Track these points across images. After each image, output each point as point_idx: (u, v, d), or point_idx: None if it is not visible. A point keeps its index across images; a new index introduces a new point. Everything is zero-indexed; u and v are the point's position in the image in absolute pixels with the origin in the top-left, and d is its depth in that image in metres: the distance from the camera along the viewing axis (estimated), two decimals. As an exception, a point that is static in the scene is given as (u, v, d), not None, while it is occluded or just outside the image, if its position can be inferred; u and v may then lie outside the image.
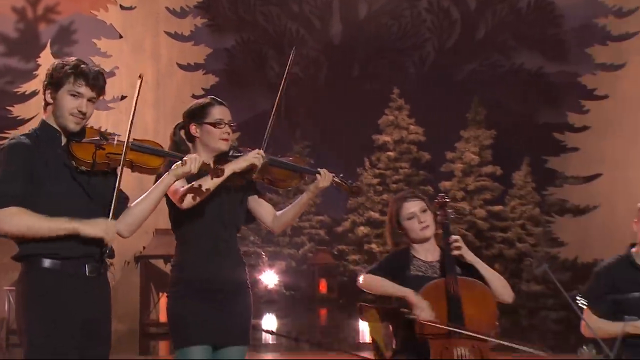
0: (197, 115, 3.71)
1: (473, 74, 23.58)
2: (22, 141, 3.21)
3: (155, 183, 3.48)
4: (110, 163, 3.27)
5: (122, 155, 3.22)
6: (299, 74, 22.63)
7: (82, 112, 3.24)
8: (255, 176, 3.67)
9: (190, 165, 3.31)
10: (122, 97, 15.39)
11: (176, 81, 15.98)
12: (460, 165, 20.99)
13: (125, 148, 3.22)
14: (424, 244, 4.20)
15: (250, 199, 3.83)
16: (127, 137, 3.23)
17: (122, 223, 3.34)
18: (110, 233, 3.19)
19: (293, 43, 23.45)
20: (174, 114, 13.82)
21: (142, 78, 3.32)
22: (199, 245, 3.64)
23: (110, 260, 3.35)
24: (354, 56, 23.93)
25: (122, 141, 3.26)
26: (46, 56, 15.44)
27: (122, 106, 15.25)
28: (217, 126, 3.67)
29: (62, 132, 3.28)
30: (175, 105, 14.84)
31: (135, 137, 3.29)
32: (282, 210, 3.91)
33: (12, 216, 3.10)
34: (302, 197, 3.84)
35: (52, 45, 16.30)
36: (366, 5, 24.00)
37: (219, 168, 3.45)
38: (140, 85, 3.31)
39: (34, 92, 15.07)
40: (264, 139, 3.77)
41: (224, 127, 3.68)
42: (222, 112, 3.71)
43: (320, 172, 3.80)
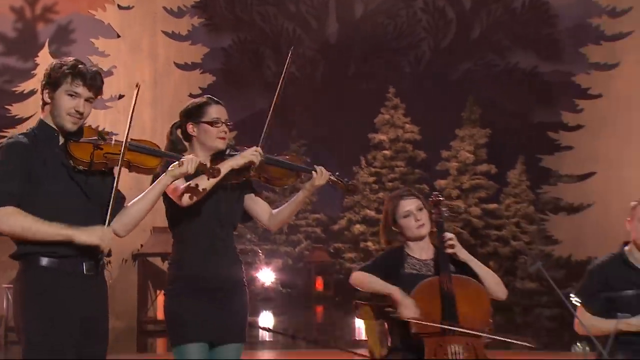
0: (194, 114, 3.71)
1: (468, 73, 23.53)
2: (20, 140, 3.20)
3: (152, 183, 3.49)
4: (107, 163, 3.27)
5: (120, 156, 3.21)
6: (295, 73, 22.58)
7: (79, 112, 3.24)
8: (251, 174, 3.67)
9: (187, 166, 3.32)
10: (120, 96, 15.43)
11: (173, 80, 16.02)
12: (455, 163, 20.98)
13: (124, 149, 3.22)
14: (419, 242, 4.18)
15: (246, 197, 3.83)
16: (125, 139, 3.23)
17: (118, 222, 3.33)
18: (106, 240, 3.17)
19: (290, 42, 23.39)
20: (171, 113, 13.84)
21: (139, 87, 3.33)
22: (196, 243, 3.64)
23: (107, 258, 3.35)
24: (350, 55, 23.89)
25: (120, 141, 3.26)
26: (44, 55, 15.47)
27: (119, 105, 15.28)
28: (214, 125, 3.67)
29: (59, 131, 3.27)
30: (173, 104, 14.87)
31: (132, 137, 3.29)
32: (278, 208, 3.90)
33: (9, 216, 3.11)
34: (298, 195, 3.82)
35: (50, 44, 16.32)
36: (362, 5, 23.95)
37: (215, 168, 3.43)
38: (137, 94, 3.32)
39: (32, 91, 15.12)
40: (261, 138, 3.76)
41: (221, 126, 3.67)
42: (219, 111, 3.71)
43: (316, 170, 3.79)
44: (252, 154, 3.62)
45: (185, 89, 15.77)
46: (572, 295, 4.36)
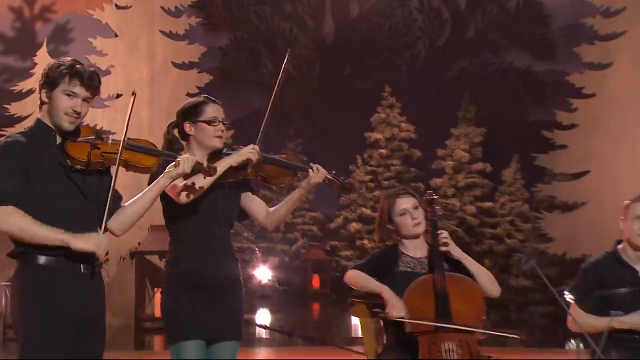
0: (191, 113, 3.69)
1: (463, 72, 23.55)
2: (18, 139, 3.19)
3: (150, 182, 3.49)
4: (104, 162, 3.26)
5: (118, 156, 3.20)
6: (292, 72, 22.57)
7: (76, 112, 3.22)
8: (249, 172, 3.66)
9: (184, 166, 3.32)
10: (118, 95, 15.49)
11: (171, 79, 16.09)
12: (450, 162, 21.06)
13: (121, 149, 3.22)
14: (413, 240, 4.18)
15: (243, 195, 3.82)
16: (123, 140, 3.23)
17: (114, 222, 3.32)
18: (102, 247, 3.15)
19: (286, 42, 23.45)
20: (168, 112, 13.88)
21: (135, 95, 3.31)
22: (193, 241, 3.64)
23: (105, 256, 3.30)
24: (346, 55, 23.89)
25: (117, 140, 3.25)
26: (42, 54, 15.57)
27: (117, 104, 15.35)
28: (211, 124, 3.66)
29: (57, 130, 3.26)
30: (170, 103, 14.94)
31: (129, 136, 3.28)
32: (274, 206, 3.89)
33: (8, 216, 3.10)
34: (294, 193, 3.81)
35: (48, 43, 16.40)
36: (358, 5, 23.95)
37: (212, 166, 3.44)
38: (134, 102, 3.29)
39: (31, 90, 15.18)
40: (258, 137, 3.77)
41: (218, 125, 3.66)
42: (215, 110, 3.69)
43: (312, 168, 3.77)
44: (249, 152, 3.63)
45: (182, 87, 15.85)
46: (565, 292, 4.37)
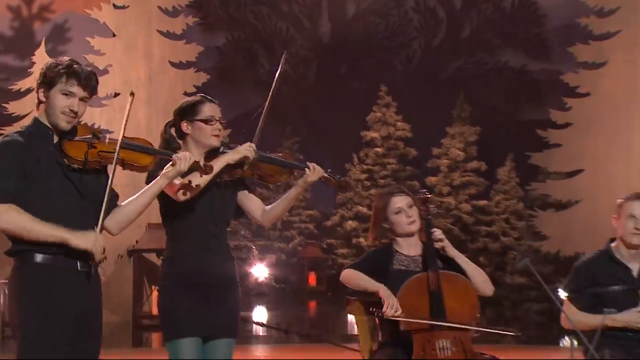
0: (188, 112, 3.73)
1: (458, 71, 23.55)
2: (15, 139, 3.21)
3: (147, 180, 3.52)
4: (101, 161, 3.28)
5: (115, 155, 3.22)
6: (288, 71, 22.55)
7: (73, 111, 3.24)
8: (245, 170, 3.69)
9: (181, 165, 3.35)
10: (116, 94, 15.50)
11: (168, 79, 16.13)
12: (446, 161, 21.05)
13: (118, 148, 3.24)
14: (408, 238, 4.23)
15: (240, 194, 3.85)
16: (120, 140, 3.25)
17: (111, 221, 3.35)
18: (98, 246, 3.17)
19: (283, 41, 23.47)
20: (166, 111, 13.91)
21: (133, 96, 3.34)
22: (189, 240, 3.66)
23: (102, 255, 3.33)
24: (342, 54, 23.89)
25: (114, 139, 3.27)
26: (41, 54, 15.63)
27: (115, 103, 15.39)
28: (209, 123, 3.70)
29: (54, 130, 3.28)
30: (168, 102, 14.93)
31: (126, 135, 3.30)
32: (271, 204, 3.92)
33: (6, 213, 3.11)
34: (290, 191, 3.84)
35: (46, 43, 16.44)
36: (354, 5, 23.96)
37: (208, 165, 3.47)
38: (132, 102, 3.33)
39: (29, 89, 15.21)
40: (255, 135, 3.81)
41: (215, 124, 3.71)
42: (212, 109, 3.74)
43: (309, 167, 3.80)
44: (246, 149, 3.67)
45: (179, 87, 15.89)
46: (559, 290, 4.43)
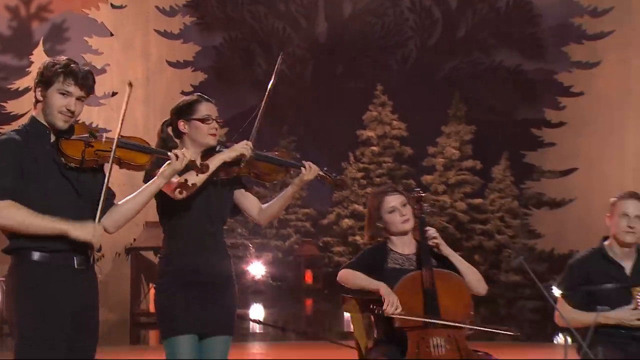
0: (185, 111, 3.75)
1: (454, 71, 23.59)
2: (13, 137, 3.22)
3: (145, 179, 3.56)
4: (98, 160, 3.29)
5: (112, 153, 3.23)
6: (285, 71, 22.56)
7: (70, 111, 3.25)
8: (242, 166, 3.71)
9: (177, 164, 3.37)
10: (113, 94, 15.51)
11: (166, 78, 16.16)
12: (441, 159, 21.09)
13: (114, 146, 3.25)
14: (402, 237, 4.26)
15: (236, 192, 3.87)
16: (116, 138, 3.28)
17: (108, 219, 3.36)
18: (97, 237, 3.20)
19: (280, 41, 23.52)
20: (163, 111, 13.90)
21: (132, 86, 3.37)
22: (186, 238, 3.68)
23: (98, 253, 3.38)
24: (339, 54, 23.90)
25: (111, 138, 3.29)
26: (39, 53, 15.66)
27: (113, 102, 15.41)
28: (205, 122, 3.72)
29: (51, 129, 3.29)
30: (165, 101, 14.94)
31: (124, 134, 3.32)
32: (267, 203, 3.94)
33: (5, 209, 3.12)
34: (287, 190, 3.86)
35: (44, 42, 16.44)
36: (351, 4, 23.94)
37: (204, 164, 3.49)
38: (130, 93, 3.35)
39: (27, 89, 15.19)
40: (251, 134, 3.83)
41: (211, 123, 3.72)
42: (209, 109, 3.77)
43: (305, 166, 3.83)
44: (242, 147, 3.70)
45: (177, 86, 15.93)
46: (553, 288, 4.51)
